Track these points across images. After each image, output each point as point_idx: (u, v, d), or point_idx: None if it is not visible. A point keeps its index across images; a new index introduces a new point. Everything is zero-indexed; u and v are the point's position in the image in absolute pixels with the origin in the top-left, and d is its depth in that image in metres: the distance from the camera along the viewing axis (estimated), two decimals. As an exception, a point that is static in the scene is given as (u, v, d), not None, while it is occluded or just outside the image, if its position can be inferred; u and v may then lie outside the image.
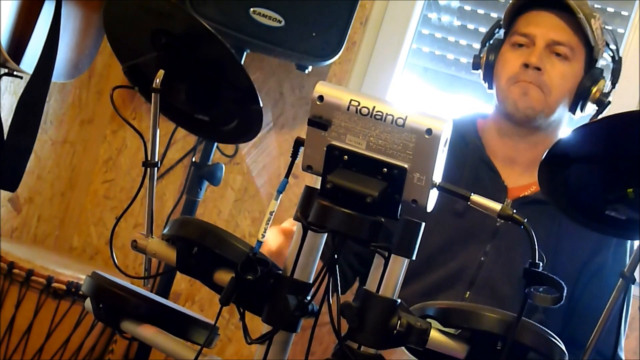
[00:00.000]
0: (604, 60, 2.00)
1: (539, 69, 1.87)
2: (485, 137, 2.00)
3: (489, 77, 1.98)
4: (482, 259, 1.88)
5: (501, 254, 1.87)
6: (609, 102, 1.92)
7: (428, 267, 1.89)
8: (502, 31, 2.01)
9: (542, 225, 1.83)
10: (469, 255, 1.88)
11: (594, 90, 1.90)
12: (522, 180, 1.94)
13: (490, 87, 2.00)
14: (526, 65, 1.88)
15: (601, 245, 1.89)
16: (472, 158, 1.96)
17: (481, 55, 2.00)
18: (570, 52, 1.89)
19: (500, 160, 1.96)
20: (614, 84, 1.95)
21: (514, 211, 1.16)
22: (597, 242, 1.88)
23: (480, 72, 2.01)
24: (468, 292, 1.86)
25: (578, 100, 1.92)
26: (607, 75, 1.95)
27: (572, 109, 1.94)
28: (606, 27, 1.95)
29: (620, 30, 2.61)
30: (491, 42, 2.00)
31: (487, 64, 1.97)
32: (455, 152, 1.95)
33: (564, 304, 1.85)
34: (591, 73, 1.91)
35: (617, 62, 1.96)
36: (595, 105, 1.93)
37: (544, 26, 1.90)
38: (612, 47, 1.96)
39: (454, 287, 1.87)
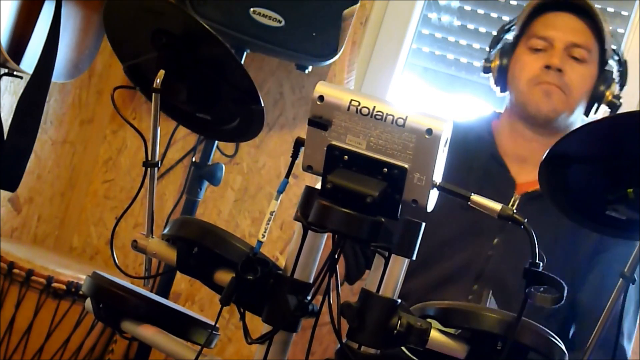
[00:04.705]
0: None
1: (560, 70, 1.88)
2: (497, 136, 2.01)
3: (502, 81, 1.98)
4: (490, 252, 1.88)
5: (509, 248, 1.88)
6: (621, 104, 1.94)
7: (435, 260, 1.90)
8: (511, 34, 2.01)
9: (550, 220, 1.83)
10: (477, 249, 1.89)
11: (608, 93, 1.92)
12: (532, 176, 1.94)
13: (502, 91, 2.00)
14: (547, 67, 1.88)
15: (606, 241, 1.89)
16: (483, 154, 1.97)
17: (491, 60, 2.00)
18: (588, 54, 1.91)
19: (512, 158, 1.97)
20: (622, 86, 1.97)
21: (515, 211, 1.16)
22: (602, 238, 1.89)
23: (491, 76, 2.00)
24: (476, 286, 1.87)
25: (593, 102, 1.94)
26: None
27: (587, 112, 1.96)
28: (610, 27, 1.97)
29: (620, 30, 2.61)
30: (501, 45, 2.00)
31: (500, 68, 1.97)
32: (468, 151, 1.96)
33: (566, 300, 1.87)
34: (604, 76, 1.93)
35: (623, 65, 1.98)
36: (607, 107, 1.94)
37: (562, 29, 1.91)
38: (617, 50, 1.97)
39: (461, 280, 1.88)
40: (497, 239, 1.89)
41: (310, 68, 2.60)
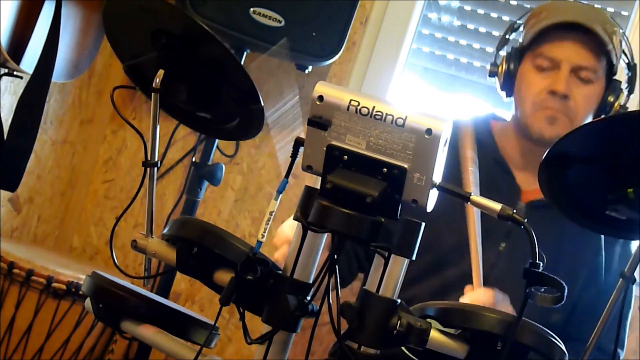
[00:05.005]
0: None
1: (566, 96, 1.86)
2: (500, 140, 2.00)
3: (508, 86, 1.96)
4: (495, 259, 1.88)
5: (514, 255, 1.88)
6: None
7: (440, 266, 1.89)
8: (518, 35, 1.98)
9: (555, 229, 1.83)
10: (482, 256, 1.88)
11: (616, 104, 1.91)
12: (537, 183, 1.94)
13: (508, 96, 1.97)
14: (552, 93, 1.87)
15: (609, 247, 1.90)
16: (486, 160, 1.96)
17: (498, 64, 1.97)
18: (594, 76, 1.88)
19: (516, 163, 1.97)
20: (630, 92, 1.95)
21: (514, 211, 1.16)
22: (606, 245, 1.89)
23: (496, 80, 1.98)
24: None
25: (600, 114, 1.92)
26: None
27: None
28: (621, 32, 1.94)
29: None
30: (507, 48, 1.98)
31: (506, 74, 1.94)
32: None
33: (568, 305, 1.87)
34: (612, 87, 1.91)
35: (632, 69, 1.96)
36: None
37: (569, 51, 1.88)
38: (628, 54, 1.95)
39: (466, 286, 1.87)
40: (502, 246, 1.89)
41: (310, 68, 2.60)
